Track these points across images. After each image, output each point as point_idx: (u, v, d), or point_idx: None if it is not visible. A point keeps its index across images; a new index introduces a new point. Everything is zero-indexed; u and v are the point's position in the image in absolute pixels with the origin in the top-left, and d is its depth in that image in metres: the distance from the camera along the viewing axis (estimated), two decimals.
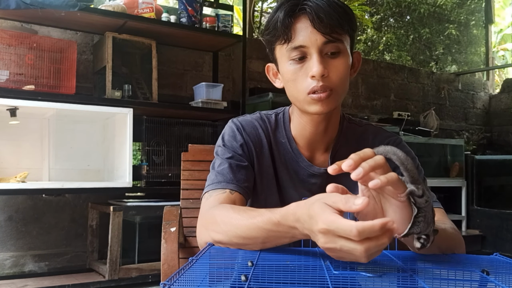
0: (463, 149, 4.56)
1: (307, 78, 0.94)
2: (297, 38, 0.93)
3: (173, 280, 0.57)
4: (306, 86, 0.95)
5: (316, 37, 0.92)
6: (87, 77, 3.14)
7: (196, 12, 3.11)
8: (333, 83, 0.94)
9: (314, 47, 0.93)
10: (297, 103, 1.00)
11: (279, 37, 0.96)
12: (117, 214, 2.68)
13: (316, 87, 0.93)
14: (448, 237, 0.87)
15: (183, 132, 3.15)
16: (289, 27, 0.93)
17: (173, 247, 1.07)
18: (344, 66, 0.96)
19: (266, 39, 1.00)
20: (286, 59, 0.97)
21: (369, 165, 0.67)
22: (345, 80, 0.97)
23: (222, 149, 1.05)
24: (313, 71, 0.92)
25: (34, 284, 2.62)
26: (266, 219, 0.76)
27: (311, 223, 0.67)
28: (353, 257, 0.63)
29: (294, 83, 0.97)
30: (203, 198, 0.99)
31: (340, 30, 0.93)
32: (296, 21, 0.94)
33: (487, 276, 0.65)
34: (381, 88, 4.87)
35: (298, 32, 0.93)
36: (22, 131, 2.81)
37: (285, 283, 0.61)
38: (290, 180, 1.06)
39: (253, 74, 3.92)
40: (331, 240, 0.63)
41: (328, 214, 0.64)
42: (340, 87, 0.96)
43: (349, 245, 0.61)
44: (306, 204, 0.70)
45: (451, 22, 7.65)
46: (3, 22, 2.88)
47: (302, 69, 0.95)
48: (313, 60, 0.93)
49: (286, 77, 0.99)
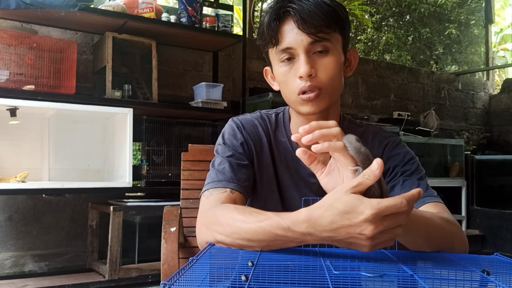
0: (463, 149, 4.56)
1: (296, 79, 0.95)
2: (284, 40, 0.95)
3: (173, 280, 0.57)
4: (295, 87, 0.96)
5: (302, 37, 0.94)
6: (87, 77, 3.14)
7: (196, 12, 3.11)
8: (321, 82, 0.95)
9: (301, 48, 0.94)
10: (291, 104, 1.02)
11: (268, 41, 0.98)
12: (117, 214, 2.68)
13: (304, 87, 0.94)
14: (437, 227, 0.85)
15: (183, 132, 3.15)
16: (276, 31, 0.96)
17: (173, 247, 1.07)
18: (334, 65, 0.96)
19: (259, 43, 1.03)
20: (277, 61, 0.99)
21: (321, 132, 0.74)
22: (335, 79, 0.97)
23: (222, 147, 1.04)
24: (300, 71, 0.94)
25: (34, 284, 2.62)
26: (274, 223, 0.75)
27: (350, 218, 0.66)
28: (394, 234, 0.68)
29: (285, 84, 0.99)
30: (203, 196, 0.98)
31: (326, 29, 0.94)
32: (282, 24, 0.96)
33: (487, 276, 0.65)
34: (381, 88, 4.87)
35: (285, 35, 0.95)
36: (22, 131, 2.81)
37: (285, 283, 0.61)
38: (290, 179, 1.06)
39: (253, 74, 3.92)
40: (379, 224, 0.66)
41: (368, 200, 0.66)
42: (329, 85, 0.96)
43: (397, 219, 0.66)
44: (324, 205, 0.69)
45: (452, 22, 7.65)
46: (3, 22, 2.88)
47: (292, 70, 0.97)
48: (300, 60, 0.94)
49: (278, 79, 1.01)
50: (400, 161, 1.04)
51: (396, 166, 1.03)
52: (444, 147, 4.54)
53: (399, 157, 1.04)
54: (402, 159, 1.04)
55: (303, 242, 0.75)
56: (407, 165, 1.03)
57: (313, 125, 0.74)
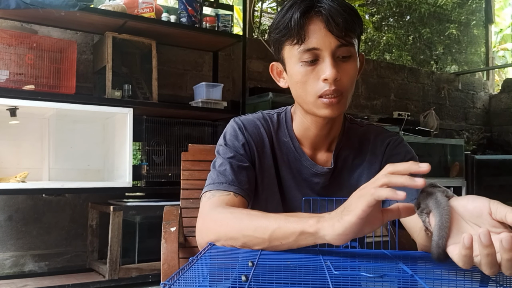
0: (463, 149, 4.56)
1: (319, 81, 0.93)
2: (311, 40, 0.91)
3: (173, 280, 0.57)
4: (317, 89, 0.93)
5: (330, 40, 0.91)
6: (87, 77, 3.14)
7: (196, 12, 3.11)
8: (344, 87, 0.94)
9: (328, 50, 0.91)
10: (305, 105, 0.98)
11: (291, 37, 0.93)
12: (117, 214, 2.68)
13: (328, 91, 0.92)
14: None
15: (183, 132, 3.15)
16: (303, 28, 0.91)
17: (173, 247, 1.07)
18: (355, 70, 0.95)
19: (275, 38, 0.97)
20: (296, 60, 0.94)
21: None
22: (354, 84, 0.97)
23: (223, 149, 1.04)
24: (327, 74, 0.91)
25: (34, 284, 2.61)
26: (300, 228, 0.77)
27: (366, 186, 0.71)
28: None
29: (303, 85, 0.95)
30: (204, 197, 0.97)
31: (352, 34, 0.93)
32: (310, 23, 0.91)
33: (487, 276, 0.65)
34: (381, 88, 4.87)
35: (312, 34, 0.91)
36: (22, 131, 2.81)
37: (285, 283, 0.61)
38: (292, 179, 1.06)
39: (253, 74, 3.92)
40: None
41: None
42: (349, 91, 0.96)
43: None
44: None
45: (452, 22, 7.65)
46: (3, 22, 2.88)
47: (314, 72, 0.93)
48: (326, 63, 0.91)
49: (295, 78, 0.96)
50: (401, 160, 1.04)
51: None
52: (444, 147, 4.54)
53: (400, 157, 1.05)
54: (403, 159, 1.04)
55: (316, 242, 0.77)
56: None
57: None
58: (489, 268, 0.61)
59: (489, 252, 0.60)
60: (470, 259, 0.62)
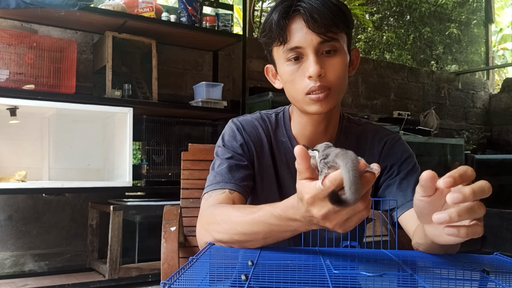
0: (463, 148, 4.56)
1: (305, 79, 0.94)
2: (293, 39, 0.94)
3: (173, 280, 0.57)
4: (304, 87, 0.95)
5: (311, 37, 0.92)
6: (87, 76, 3.14)
7: (196, 12, 3.11)
8: (330, 82, 0.94)
9: (310, 48, 0.93)
10: (296, 104, 1.00)
11: (275, 39, 0.96)
12: (117, 213, 2.68)
13: (313, 87, 0.94)
14: None
15: (183, 131, 3.15)
16: (284, 29, 0.94)
17: (173, 247, 1.07)
18: (341, 65, 0.96)
19: (264, 41, 1.01)
20: (283, 60, 0.97)
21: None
22: (343, 79, 0.97)
23: (222, 150, 1.05)
24: (310, 71, 0.93)
25: (34, 283, 2.62)
26: (267, 213, 0.76)
27: (301, 205, 0.68)
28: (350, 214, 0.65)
29: (292, 83, 0.97)
30: (203, 199, 0.99)
31: (335, 29, 0.93)
32: (291, 22, 0.94)
33: (487, 275, 0.65)
34: (381, 87, 4.87)
35: (293, 33, 0.94)
36: (22, 130, 2.81)
37: (285, 282, 0.61)
38: (291, 178, 1.06)
39: (253, 74, 3.92)
40: (321, 206, 0.65)
41: (308, 183, 0.65)
42: (338, 85, 0.96)
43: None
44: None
45: (452, 21, 7.65)
46: (3, 22, 2.88)
47: (299, 70, 0.95)
48: (309, 60, 0.93)
49: (284, 78, 0.99)
50: (398, 159, 1.05)
51: (394, 164, 1.04)
52: (444, 147, 4.54)
53: (397, 155, 1.05)
54: (400, 157, 1.05)
55: (296, 231, 0.75)
56: (404, 163, 1.05)
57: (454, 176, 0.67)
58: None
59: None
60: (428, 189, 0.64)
